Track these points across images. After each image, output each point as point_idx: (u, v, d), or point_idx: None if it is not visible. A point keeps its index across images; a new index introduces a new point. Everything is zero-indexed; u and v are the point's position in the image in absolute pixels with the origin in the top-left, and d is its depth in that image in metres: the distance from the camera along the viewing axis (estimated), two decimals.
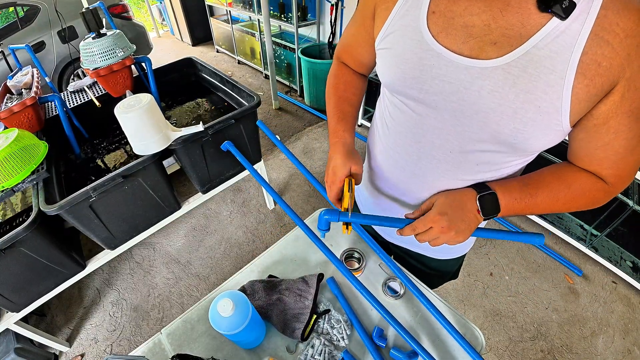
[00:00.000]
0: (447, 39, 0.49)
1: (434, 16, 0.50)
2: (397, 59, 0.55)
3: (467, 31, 0.48)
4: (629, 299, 1.75)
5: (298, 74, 3.32)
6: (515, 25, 0.45)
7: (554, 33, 0.43)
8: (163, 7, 5.35)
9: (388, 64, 0.58)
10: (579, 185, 0.56)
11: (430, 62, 0.51)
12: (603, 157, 0.52)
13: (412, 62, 0.53)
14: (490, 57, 0.47)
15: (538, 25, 0.44)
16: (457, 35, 0.48)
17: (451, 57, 0.49)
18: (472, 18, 0.47)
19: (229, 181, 1.80)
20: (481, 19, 0.47)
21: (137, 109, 1.20)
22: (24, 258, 1.19)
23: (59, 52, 2.94)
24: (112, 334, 1.70)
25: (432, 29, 0.50)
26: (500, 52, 0.46)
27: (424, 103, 0.55)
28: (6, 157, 1.14)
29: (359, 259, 0.89)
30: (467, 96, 0.50)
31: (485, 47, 0.47)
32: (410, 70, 0.54)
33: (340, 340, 0.75)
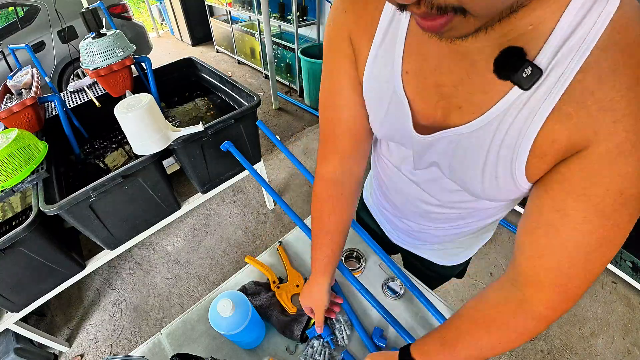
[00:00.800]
0: (421, 103, 0.45)
1: (408, 77, 0.45)
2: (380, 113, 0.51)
3: (438, 91, 0.43)
4: (629, 299, 1.75)
5: (298, 74, 3.32)
6: (478, 91, 0.40)
7: (515, 105, 0.37)
8: (163, 7, 5.35)
9: (373, 119, 0.53)
10: (500, 325, 0.49)
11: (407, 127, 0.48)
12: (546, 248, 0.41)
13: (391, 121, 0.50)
14: (455, 122, 0.43)
15: (500, 94, 0.38)
16: (430, 97, 0.44)
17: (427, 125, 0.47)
18: (442, 77, 0.42)
19: (228, 181, 1.80)
20: (450, 78, 0.42)
21: (137, 109, 1.20)
22: (23, 258, 1.19)
23: (59, 52, 2.94)
24: (112, 334, 1.69)
25: (409, 92, 0.46)
26: (463, 118, 0.42)
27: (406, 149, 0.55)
28: (6, 157, 1.14)
29: (358, 259, 0.89)
30: (441, 157, 0.48)
31: (452, 111, 0.43)
32: (391, 129, 0.52)
33: (340, 340, 0.75)
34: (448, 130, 0.44)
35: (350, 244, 0.95)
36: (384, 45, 0.45)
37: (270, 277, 0.86)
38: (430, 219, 0.67)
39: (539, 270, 0.42)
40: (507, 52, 0.34)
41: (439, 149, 0.47)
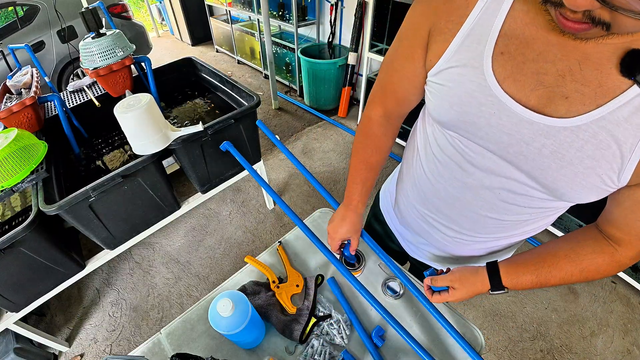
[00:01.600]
0: (513, 85, 0.44)
1: (502, 58, 0.44)
2: (453, 99, 0.50)
3: (538, 78, 0.42)
4: (629, 299, 1.76)
5: (298, 74, 3.32)
6: (592, 82, 0.39)
7: (634, 103, 0.38)
8: (162, 7, 5.35)
9: (441, 102, 0.52)
10: (594, 268, 0.55)
11: (490, 109, 0.46)
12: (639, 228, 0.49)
13: (470, 106, 0.48)
14: (559, 113, 0.42)
15: (617, 90, 0.38)
16: (526, 82, 0.43)
17: (515, 109, 0.44)
18: (545, 65, 0.41)
19: (228, 181, 1.80)
20: (556, 67, 0.41)
21: (137, 108, 1.20)
22: (23, 258, 1.19)
23: (59, 51, 2.93)
24: (112, 334, 1.69)
25: (498, 72, 0.44)
26: (571, 109, 0.41)
27: (479, 145, 0.52)
28: (5, 157, 1.14)
29: (358, 259, 0.89)
30: (526, 151, 0.46)
31: (555, 100, 0.42)
32: (467, 115, 0.49)
33: (339, 340, 0.75)
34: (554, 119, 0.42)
35: None
36: (477, 29, 0.45)
37: (270, 277, 0.86)
38: (481, 226, 0.64)
39: (627, 240, 0.51)
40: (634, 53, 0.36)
41: (527, 138, 0.45)
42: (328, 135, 2.97)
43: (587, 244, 0.56)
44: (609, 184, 0.44)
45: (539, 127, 0.43)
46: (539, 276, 0.57)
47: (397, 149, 2.72)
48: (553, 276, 0.56)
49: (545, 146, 0.44)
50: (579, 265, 0.55)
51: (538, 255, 0.59)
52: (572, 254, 0.56)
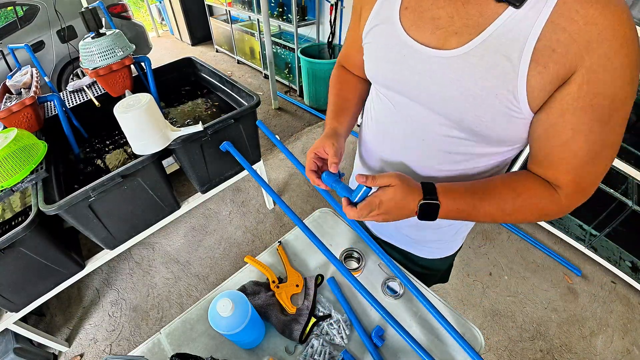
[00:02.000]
0: (417, 32, 0.53)
1: (407, 12, 0.54)
2: (377, 52, 0.60)
3: (434, 23, 0.51)
4: (628, 298, 1.76)
5: (297, 73, 3.32)
6: (474, 15, 0.47)
7: (510, 22, 0.44)
8: (162, 7, 5.35)
9: (370, 58, 0.63)
10: (528, 196, 0.54)
11: (402, 53, 0.55)
12: (561, 159, 0.49)
13: (388, 54, 0.57)
14: (452, 46, 0.49)
15: (495, 15, 0.45)
16: (426, 27, 0.52)
17: (419, 49, 0.52)
18: (438, 11, 0.50)
19: (228, 181, 1.80)
20: (446, 11, 0.49)
21: (137, 108, 1.20)
22: (23, 258, 1.19)
23: (58, 51, 2.93)
24: (112, 334, 1.69)
25: (404, 23, 0.54)
26: (460, 41, 0.48)
27: (400, 93, 0.60)
28: (5, 157, 1.14)
29: (358, 259, 0.89)
30: (432, 85, 0.53)
31: (449, 38, 0.49)
32: (388, 63, 0.58)
33: (339, 340, 0.75)
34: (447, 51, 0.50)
35: (350, 244, 0.95)
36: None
37: (269, 277, 0.86)
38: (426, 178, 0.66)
39: (557, 175, 0.52)
40: None
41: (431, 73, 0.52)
42: None
43: (523, 174, 0.56)
44: (511, 106, 0.47)
45: (438, 60, 0.51)
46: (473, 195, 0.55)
47: None
48: (487, 198, 0.55)
49: (445, 76, 0.51)
50: (514, 190, 0.54)
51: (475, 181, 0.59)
52: (507, 179, 0.57)
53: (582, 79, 0.42)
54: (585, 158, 0.47)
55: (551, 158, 0.51)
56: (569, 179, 0.51)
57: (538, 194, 0.54)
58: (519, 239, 2.05)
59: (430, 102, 0.55)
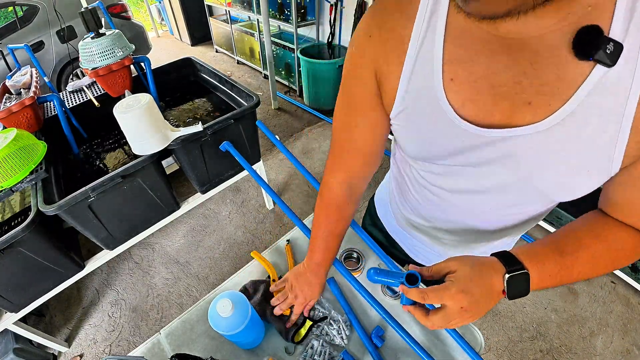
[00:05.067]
0: (473, 108, 0.41)
1: (453, 84, 0.41)
2: (418, 138, 0.49)
3: (495, 92, 0.39)
4: (628, 299, 1.76)
5: (297, 74, 3.32)
6: (551, 79, 0.36)
7: (601, 85, 0.35)
8: (162, 7, 5.35)
9: (408, 140, 0.51)
10: (620, 245, 0.46)
11: (458, 139, 0.44)
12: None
13: (436, 141, 0.47)
14: (526, 121, 0.39)
15: (579, 77, 0.35)
16: (485, 100, 0.40)
17: (481, 133, 0.42)
18: (498, 77, 0.39)
19: (228, 181, 1.80)
20: (509, 75, 0.38)
21: (136, 109, 1.20)
22: (22, 258, 1.19)
23: (58, 51, 2.93)
24: (111, 334, 1.69)
25: (453, 100, 0.42)
26: (537, 113, 0.38)
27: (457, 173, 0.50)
28: (5, 157, 1.14)
29: (358, 259, 0.89)
30: (504, 169, 0.44)
31: (519, 109, 0.39)
32: (436, 149, 0.48)
33: (339, 340, 0.75)
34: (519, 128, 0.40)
35: (350, 244, 0.95)
36: (420, 63, 0.42)
37: (271, 275, 0.86)
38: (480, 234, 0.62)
39: None
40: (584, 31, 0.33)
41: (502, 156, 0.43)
42: (328, 135, 2.97)
43: (606, 221, 0.48)
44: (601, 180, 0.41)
45: (511, 142, 0.41)
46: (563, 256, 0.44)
47: None
48: (580, 256, 0.44)
49: (523, 158, 0.42)
50: (605, 241, 0.46)
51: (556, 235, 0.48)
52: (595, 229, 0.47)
53: None
54: None
55: (634, 206, 0.44)
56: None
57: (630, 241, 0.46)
58: (519, 239, 2.04)
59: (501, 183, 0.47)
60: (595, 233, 0.47)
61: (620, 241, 0.46)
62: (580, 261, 0.44)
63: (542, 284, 0.43)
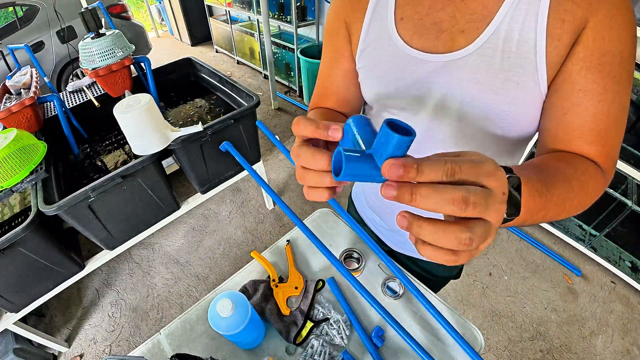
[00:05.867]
0: (419, 40, 0.49)
1: (403, 22, 0.50)
2: (377, 72, 0.55)
3: (437, 27, 0.48)
4: (628, 298, 1.76)
5: (297, 74, 3.32)
6: (477, 8, 0.45)
7: (515, 4, 0.42)
8: (162, 7, 5.34)
9: (370, 79, 0.58)
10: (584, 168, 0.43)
11: (409, 68, 0.51)
12: (579, 125, 0.43)
13: (391, 72, 0.53)
14: (462, 46, 0.46)
15: (498, 2, 0.43)
16: (429, 34, 0.49)
17: (427, 58, 0.49)
18: (438, 14, 0.47)
19: (228, 181, 1.80)
20: (447, 12, 0.47)
21: (136, 109, 1.20)
22: (22, 258, 1.19)
23: (58, 52, 2.93)
24: (111, 334, 1.69)
25: (404, 35, 0.50)
26: (469, 38, 0.46)
27: (409, 112, 0.55)
28: (5, 158, 1.14)
29: (358, 259, 0.89)
30: (450, 91, 0.49)
31: (456, 38, 0.47)
32: (392, 81, 0.54)
33: (339, 340, 0.75)
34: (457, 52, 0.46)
35: (350, 244, 0.95)
36: (377, 8, 0.52)
37: (271, 275, 0.87)
38: None
39: (584, 147, 0.44)
40: None
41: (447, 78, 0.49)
42: None
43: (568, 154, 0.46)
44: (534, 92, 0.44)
45: (451, 64, 0.48)
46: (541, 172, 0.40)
47: None
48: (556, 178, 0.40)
49: (462, 78, 0.47)
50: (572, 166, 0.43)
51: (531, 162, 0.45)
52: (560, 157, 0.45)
53: (587, 38, 0.41)
54: (607, 121, 0.43)
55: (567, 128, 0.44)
56: (598, 150, 0.44)
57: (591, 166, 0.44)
58: (519, 239, 2.05)
59: (444, 112, 0.51)
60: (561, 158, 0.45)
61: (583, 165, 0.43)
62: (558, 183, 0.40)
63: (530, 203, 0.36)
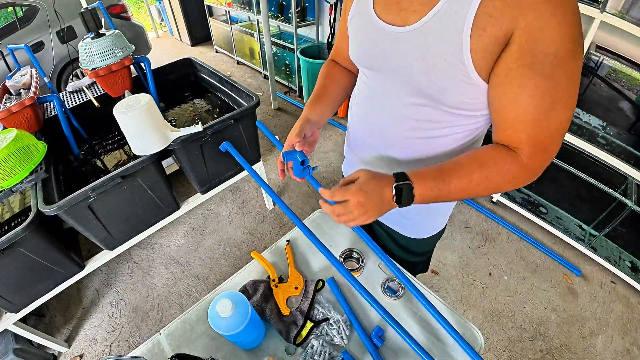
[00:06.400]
0: (386, 15, 0.61)
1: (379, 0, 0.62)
2: (357, 37, 0.69)
3: (399, 6, 0.58)
4: (628, 298, 1.76)
5: (297, 74, 3.32)
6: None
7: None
8: (162, 7, 5.34)
9: (352, 42, 0.71)
10: (492, 162, 0.57)
11: (376, 36, 0.63)
12: (514, 118, 0.54)
13: (365, 37, 0.66)
14: (411, 23, 0.56)
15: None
16: (393, 10, 0.59)
17: (388, 28, 0.60)
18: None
19: (228, 181, 1.80)
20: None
21: (136, 109, 1.20)
22: (22, 259, 1.19)
23: (58, 52, 2.93)
24: (111, 334, 1.69)
25: (377, 9, 0.62)
26: (417, 17, 0.55)
27: (375, 71, 0.68)
28: (5, 158, 1.14)
29: (358, 259, 0.89)
30: (397, 58, 0.61)
31: (409, 16, 0.57)
32: (365, 46, 0.67)
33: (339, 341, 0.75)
34: (407, 27, 0.57)
35: (350, 244, 0.95)
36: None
37: (271, 275, 0.87)
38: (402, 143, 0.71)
39: (514, 135, 0.56)
40: None
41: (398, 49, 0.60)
42: (327, 135, 2.97)
43: (486, 147, 0.61)
44: (459, 70, 0.53)
45: (401, 36, 0.58)
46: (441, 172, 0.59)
47: None
48: (455, 173, 0.58)
49: (406, 49, 0.58)
50: (478, 161, 0.58)
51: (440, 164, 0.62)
52: (472, 154, 0.60)
53: (520, 39, 0.48)
54: (535, 113, 0.51)
55: (505, 118, 0.55)
56: (525, 137, 0.54)
57: (501, 159, 0.57)
58: (519, 239, 2.05)
59: (395, 73, 0.63)
60: (472, 155, 0.60)
61: (492, 160, 0.57)
62: (455, 177, 0.58)
63: (425, 194, 0.59)
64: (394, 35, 0.59)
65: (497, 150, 0.58)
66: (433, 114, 0.64)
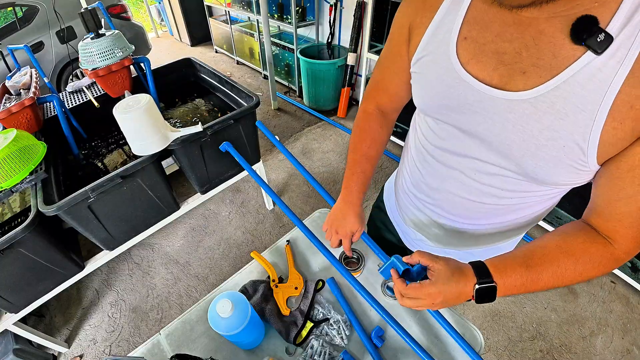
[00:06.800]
0: (477, 66, 0.48)
1: (465, 42, 0.49)
2: (427, 84, 0.56)
3: (498, 58, 0.46)
4: (628, 298, 1.76)
5: (297, 74, 3.32)
6: (547, 55, 0.42)
7: (588, 69, 0.39)
8: (162, 8, 5.34)
9: (419, 88, 0.59)
10: (588, 259, 0.50)
11: (458, 91, 0.50)
12: (625, 213, 0.46)
13: (441, 89, 0.53)
14: (518, 87, 0.45)
15: (571, 58, 0.40)
16: (488, 62, 0.47)
17: (479, 87, 0.48)
18: (503, 44, 0.45)
19: (228, 182, 1.80)
20: (513, 46, 0.44)
21: (136, 109, 1.20)
22: (22, 259, 1.19)
23: (58, 52, 2.93)
24: (111, 334, 1.69)
25: (462, 56, 0.49)
26: (528, 83, 0.44)
27: (455, 127, 0.56)
28: (5, 158, 1.14)
29: (358, 259, 0.89)
30: (492, 127, 0.49)
31: (514, 76, 0.45)
32: (440, 98, 0.54)
33: (339, 341, 0.75)
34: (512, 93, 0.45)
35: None
36: (445, 19, 0.51)
37: (271, 275, 0.87)
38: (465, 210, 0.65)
39: (619, 228, 0.48)
40: (583, 20, 0.38)
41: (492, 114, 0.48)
42: (327, 135, 2.97)
43: (578, 234, 0.52)
44: (576, 159, 0.44)
45: (501, 103, 0.46)
46: (529, 269, 0.51)
47: (396, 149, 2.72)
48: (545, 269, 0.50)
49: (509, 120, 0.47)
50: (572, 256, 0.50)
51: (526, 249, 0.54)
52: (563, 244, 0.52)
53: None
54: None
55: (614, 210, 0.48)
56: (630, 234, 0.48)
57: (597, 254, 0.50)
58: None
59: (486, 141, 0.52)
60: (563, 248, 0.51)
61: (587, 255, 0.50)
62: (544, 275, 0.50)
63: (508, 292, 0.51)
64: (488, 99, 0.47)
65: (591, 241, 0.50)
66: (519, 185, 0.55)
